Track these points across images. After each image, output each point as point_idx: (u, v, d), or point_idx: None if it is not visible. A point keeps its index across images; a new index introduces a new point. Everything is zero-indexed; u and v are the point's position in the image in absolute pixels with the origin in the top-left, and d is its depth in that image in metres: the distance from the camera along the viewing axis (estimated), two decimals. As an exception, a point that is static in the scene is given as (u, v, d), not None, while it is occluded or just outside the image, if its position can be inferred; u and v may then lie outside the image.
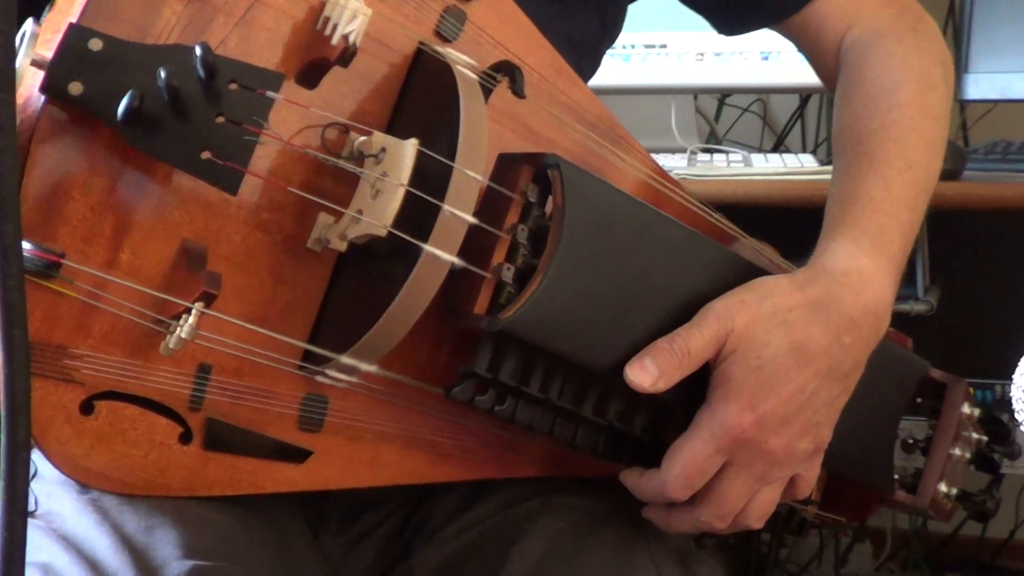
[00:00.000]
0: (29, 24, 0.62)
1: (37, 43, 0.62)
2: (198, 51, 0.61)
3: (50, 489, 0.77)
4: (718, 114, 2.01)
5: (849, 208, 0.84)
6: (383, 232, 0.66)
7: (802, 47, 1.02)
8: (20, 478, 0.49)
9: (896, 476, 0.96)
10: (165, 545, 0.71)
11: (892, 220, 0.83)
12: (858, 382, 0.82)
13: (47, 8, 0.67)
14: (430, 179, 0.66)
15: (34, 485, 0.77)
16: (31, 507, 0.75)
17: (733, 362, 0.74)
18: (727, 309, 0.74)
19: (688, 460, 0.74)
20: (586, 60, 0.96)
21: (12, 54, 0.48)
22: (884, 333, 0.82)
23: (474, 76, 0.71)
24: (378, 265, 0.69)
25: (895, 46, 0.94)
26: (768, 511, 0.79)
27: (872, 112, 0.90)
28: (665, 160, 1.63)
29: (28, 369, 0.49)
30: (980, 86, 1.65)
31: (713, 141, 1.96)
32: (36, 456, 0.68)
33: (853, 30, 0.97)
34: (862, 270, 0.80)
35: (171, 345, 0.63)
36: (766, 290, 0.76)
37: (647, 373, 0.73)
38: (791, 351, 0.75)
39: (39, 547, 0.72)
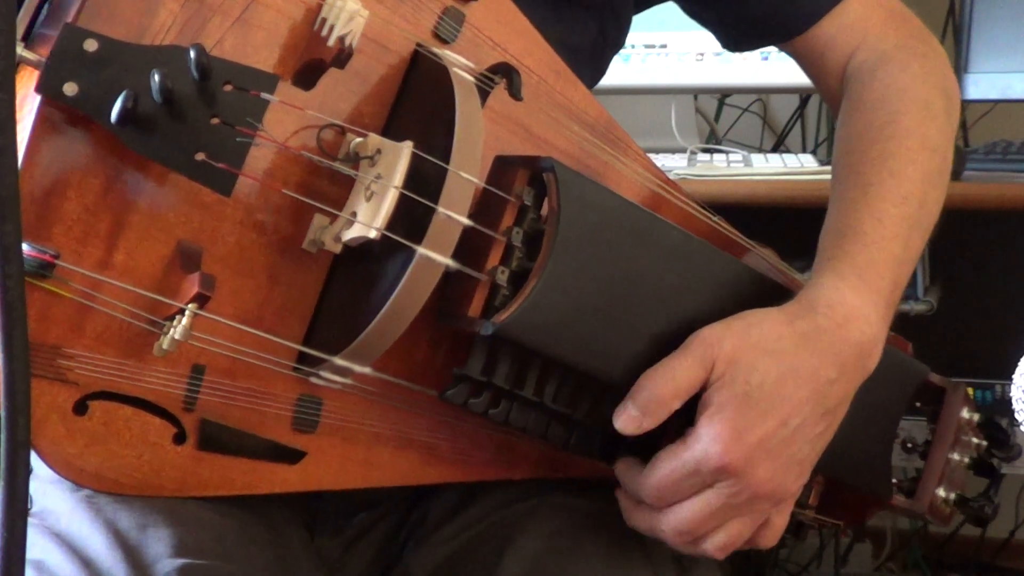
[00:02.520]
0: None
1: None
2: (193, 53, 0.61)
3: (45, 487, 0.77)
4: (718, 114, 2.01)
5: (839, 241, 0.83)
6: (375, 235, 0.66)
7: (807, 68, 1.01)
8: (20, 478, 0.49)
9: (894, 480, 0.96)
10: (158, 543, 0.71)
11: (882, 255, 0.82)
12: (856, 387, 0.81)
13: (45, 9, 0.67)
14: (425, 181, 0.66)
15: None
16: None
17: (721, 387, 0.73)
18: (714, 334, 0.74)
19: (665, 475, 0.73)
20: (585, 66, 0.95)
21: (12, 54, 0.48)
22: (871, 370, 0.80)
23: (471, 78, 0.71)
24: (373, 267, 0.69)
25: (899, 73, 0.92)
26: (732, 545, 0.77)
27: (871, 141, 0.88)
28: (665, 160, 1.63)
29: (28, 369, 0.49)
30: (980, 86, 1.65)
31: (713, 141, 1.96)
32: (31, 454, 0.68)
33: (858, 53, 0.96)
34: (846, 303, 0.78)
35: (165, 346, 0.63)
36: (755, 319, 0.76)
37: (630, 418, 0.73)
38: (779, 380, 0.74)
39: (32, 544, 0.72)
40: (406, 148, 0.66)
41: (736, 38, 1.03)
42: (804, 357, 0.75)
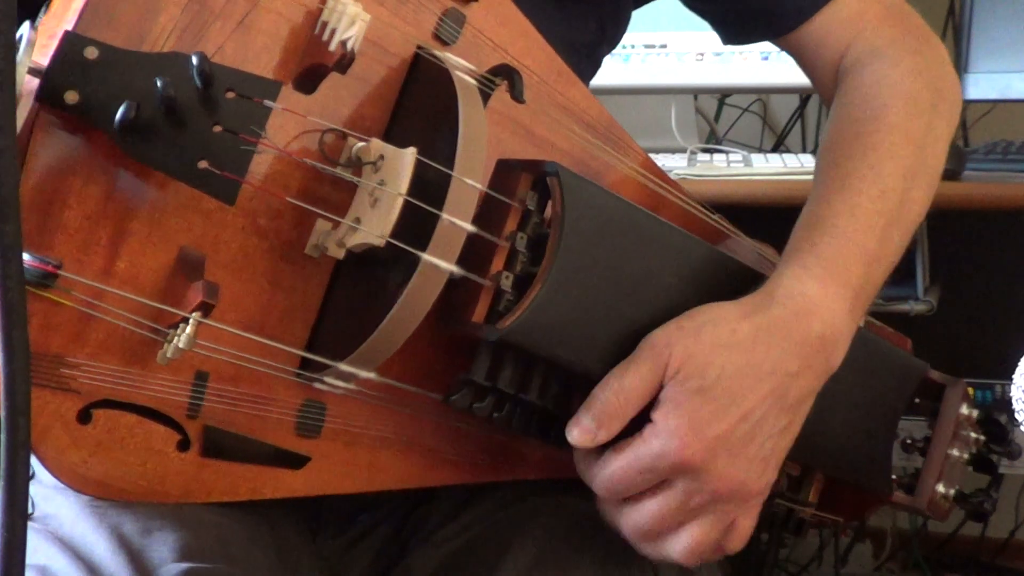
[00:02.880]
0: (26, 28, 0.61)
1: (33, 49, 0.62)
2: (195, 60, 0.61)
3: (48, 492, 0.77)
4: (718, 114, 2.01)
5: (809, 233, 0.81)
6: (381, 242, 0.66)
7: (802, 63, 1.00)
8: (20, 479, 0.49)
9: (894, 476, 0.96)
10: (162, 546, 0.71)
11: (853, 248, 0.80)
12: (856, 383, 0.81)
13: (43, 11, 0.67)
14: (428, 187, 0.66)
15: (32, 488, 0.76)
16: (29, 510, 0.75)
17: (676, 383, 0.71)
18: (663, 337, 0.72)
19: (617, 469, 0.72)
20: (584, 64, 0.95)
21: (12, 54, 0.48)
22: (836, 366, 0.79)
23: (473, 81, 0.71)
24: (376, 272, 0.69)
25: (890, 68, 0.91)
26: (698, 549, 0.75)
27: (854, 134, 0.87)
28: (665, 160, 1.63)
29: (28, 369, 0.48)
30: (980, 86, 1.65)
31: (713, 141, 1.96)
32: (33, 460, 0.68)
33: (852, 49, 0.95)
34: (808, 295, 0.77)
35: (168, 355, 0.63)
36: (708, 316, 0.74)
37: (584, 430, 0.72)
38: (738, 374, 0.72)
39: (36, 549, 0.72)
40: (410, 155, 0.66)
41: (733, 31, 1.03)
42: (763, 350, 0.74)
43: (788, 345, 0.75)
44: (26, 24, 0.62)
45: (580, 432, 0.72)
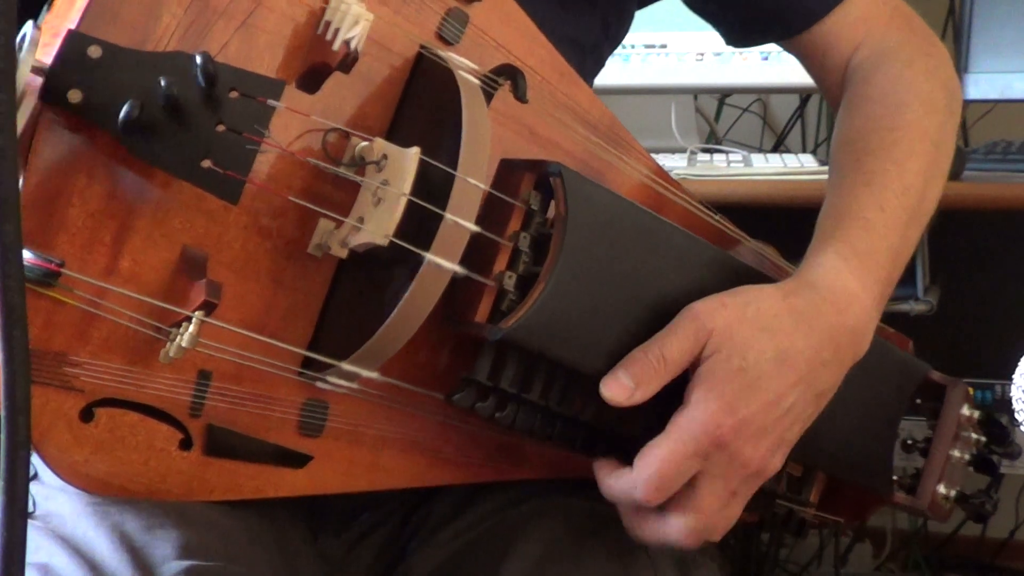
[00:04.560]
0: (29, 27, 0.61)
1: (37, 48, 0.62)
2: (198, 59, 0.61)
3: (49, 491, 0.77)
4: (718, 114, 2.01)
5: (841, 224, 0.82)
6: (384, 242, 0.66)
7: (808, 66, 1.01)
8: (20, 478, 0.49)
9: (895, 477, 0.96)
10: (164, 544, 0.71)
11: (882, 243, 0.82)
12: (857, 384, 0.81)
13: (45, 10, 0.67)
14: (432, 187, 0.66)
15: (33, 487, 0.77)
16: (30, 508, 0.75)
17: (715, 361, 0.72)
18: (707, 310, 0.73)
19: (664, 460, 0.71)
20: (588, 63, 0.95)
21: (12, 54, 0.47)
22: (862, 356, 0.80)
23: (476, 81, 0.71)
24: (379, 272, 0.69)
25: (903, 68, 0.92)
26: (730, 526, 0.76)
27: (874, 130, 0.88)
28: (665, 160, 1.63)
29: (28, 369, 0.48)
30: (980, 86, 1.65)
31: (713, 141, 1.96)
32: (36, 459, 0.68)
33: (861, 51, 0.96)
34: (848, 289, 0.78)
35: (171, 353, 0.63)
36: (750, 296, 0.75)
37: (621, 387, 0.71)
38: (775, 358, 0.73)
39: (38, 547, 0.72)
40: (413, 155, 0.66)
41: (738, 34, 1.03)
42: (800, 337, 0.75)
43: (824, 336, 0.76)
44: (29, 23, 0.62)
45: (617, 387, 0.71)
